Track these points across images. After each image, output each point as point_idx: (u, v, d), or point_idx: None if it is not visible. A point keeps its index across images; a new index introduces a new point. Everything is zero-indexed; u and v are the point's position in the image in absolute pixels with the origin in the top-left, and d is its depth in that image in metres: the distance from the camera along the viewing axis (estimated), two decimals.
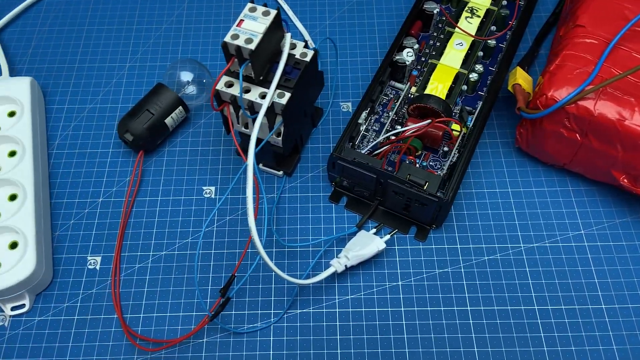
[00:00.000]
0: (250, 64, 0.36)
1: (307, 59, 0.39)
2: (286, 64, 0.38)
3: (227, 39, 0.35)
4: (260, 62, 0.36)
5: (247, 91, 0.38)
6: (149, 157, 0.46)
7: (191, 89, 0.47)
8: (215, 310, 0.37)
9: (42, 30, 0.53)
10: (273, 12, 0.36)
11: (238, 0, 0.55)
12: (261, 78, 0.38)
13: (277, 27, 0.37)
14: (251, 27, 0.35)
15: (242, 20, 0.36)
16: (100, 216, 0.43)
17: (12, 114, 0.45)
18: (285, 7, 0.54)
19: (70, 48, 0.52)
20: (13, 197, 0.41)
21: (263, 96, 0.38)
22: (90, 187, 0.45)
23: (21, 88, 0.46)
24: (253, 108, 0.38)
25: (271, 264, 0.35)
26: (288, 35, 0.38)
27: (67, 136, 0.47)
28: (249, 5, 0.37)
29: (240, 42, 0.35)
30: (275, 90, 0.37)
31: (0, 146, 0.44)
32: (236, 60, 0.36)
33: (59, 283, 0.41)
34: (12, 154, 0.43)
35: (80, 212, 0.43)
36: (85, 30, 0.53)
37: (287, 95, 0.38)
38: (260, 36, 0.35)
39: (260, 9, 0.36)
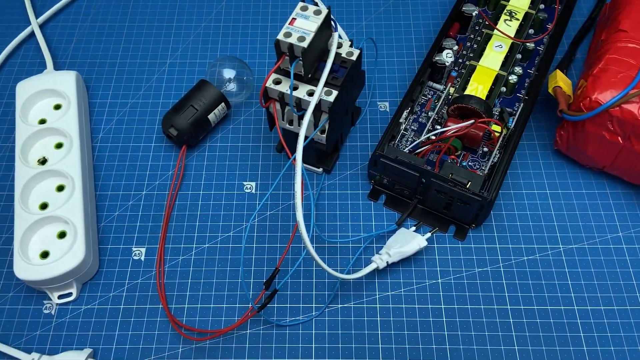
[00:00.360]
0: (300, 61, 0.36)
1: (353, 57, 0.40)
2: (333, 62, 0.39)
3: (280, 36, 0.36)
4: (310, 60, 0.37)
5: (295, 88, 0.39)
6: (191, 152, 0.47)
7: (232, 86, 0.48)
8: (263, 302, 0.37)
9: (84, 26, 0.55)
10: (324, 11, 0.37)
11: (276, 0, 0.56)
12: (309, 76, 0.38)
13: (327, 26, 0.38)
14: (303, 26, 0.36)
15: (294, 19, 0.37)
16: (144, 208, 0.44)
17: (57, 107, 0.46)
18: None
19: (111, 44, 0.53)
20: (61, 188, 0.42)
21: (310, 94, 0.38)
22: (134, 180, 0.45)
23: (67, 81, 0.47)
24: (300, 105, 0.39)
25: (317, 259, 0.36)
26: (336, 34, 0.39)
27: (110, 130, 0.48)
28: (301, 4, 0.37)
29: (293, 40, 0.36)
30: (323, 88, 0.38)
31: (47, 138, 0.45)
32: (286, 57, 0.37)
33: (105, 273, 0.41)
34: (59, 145, 0.44)
35: (125, 204, 0.44)
36: (126, 26, 0.54)
37: (335, 93, 0.38)
38: (312, 34, 0.36)
39: (312, 8, 0.37)
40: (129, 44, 0.53)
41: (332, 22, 0.39)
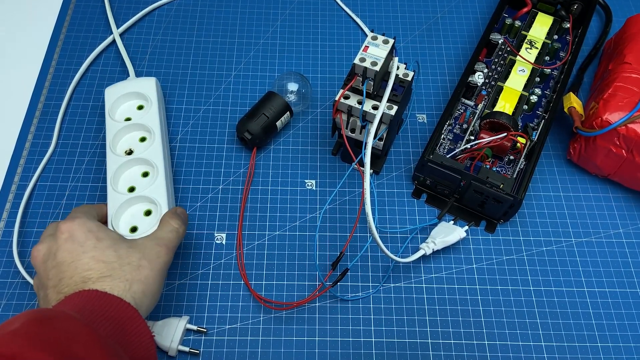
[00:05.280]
0: (371, 81, 0.44)
1: (409, 78, 0.48)
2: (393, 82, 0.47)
3: (356, 61, 0.44)
4: (378, 80, 0.45)
5: (361, 103, 0.46)
6: (259, 152, 0.54)
7: (293, 97, 0.55)
8: (335, 279, 0.45)
9: (156, 39, 0.62)
10: (391, 41, 0.45)
11: (324, 21, 0.64)
12: (375, 93, 0.46)
13: (390, 52, 0.46)
14: (375, 52, 0.44)
15: (367, 47, 0.44)
16: (221, 200, 0.51)
17: (140, 107, 0.53)
18: (367, 30, 0.63)
19: (182, 55, 0.60)
20: (145, 174, 0.49)
21: (375, 107, 0.46)
22: (211, 176, 0.53)
23: (148, 86, 0.54)
24: (365, 117, 0.47)
25: (381, 244, 0.44)
26: (396, 59, 0.47)
27: (187, 132, 0.55)
28: (371, 34, 0.45)
29: (367, 64, 0.43)
30: (386, 104, 0.46)
31: (132, 133, 0.51)
32: (358, 78, 0.45)
33: (193, 254, 0.49)
34: (143, 139, 0.51)
35: (205, 196, 0.52)
36: (194, 40, 0.62)
37: (395, 107, 0.46)
38: (382, 60, 0.44)
39: (380, 37, 0.45)
40: (198, 56, 0.60)
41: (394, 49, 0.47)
